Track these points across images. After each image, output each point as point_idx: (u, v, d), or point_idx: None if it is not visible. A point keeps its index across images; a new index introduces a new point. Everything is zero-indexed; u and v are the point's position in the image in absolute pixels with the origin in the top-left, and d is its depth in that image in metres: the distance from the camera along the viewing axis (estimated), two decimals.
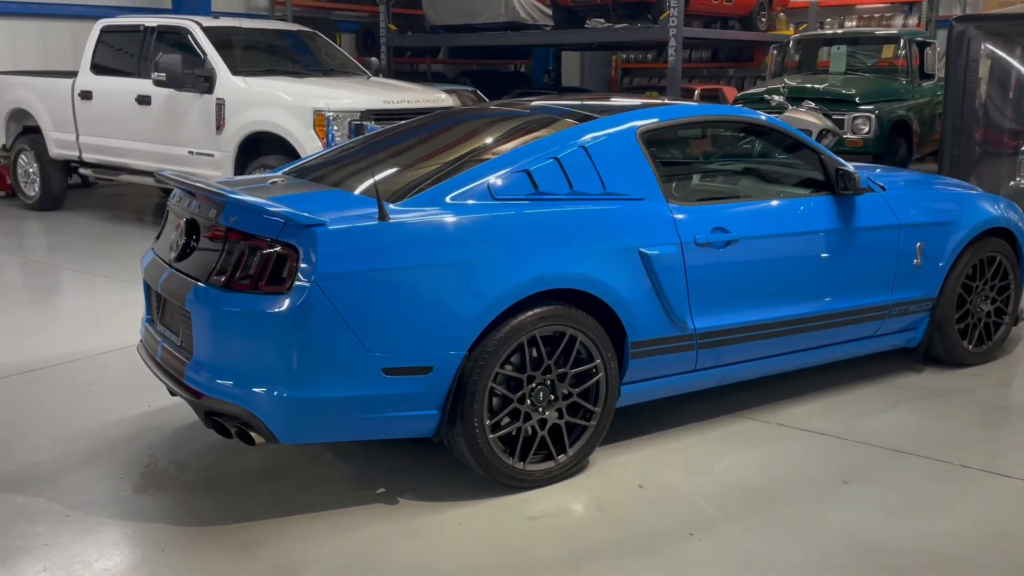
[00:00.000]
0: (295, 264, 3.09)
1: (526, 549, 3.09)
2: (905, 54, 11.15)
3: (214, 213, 3.38)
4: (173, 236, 3.62)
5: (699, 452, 3.83)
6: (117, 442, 3.89)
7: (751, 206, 4.12)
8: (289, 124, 7.57)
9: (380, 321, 3.15)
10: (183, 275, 3.41)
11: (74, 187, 10.58)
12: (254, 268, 3.15)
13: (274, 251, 3.13)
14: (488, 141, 3.92)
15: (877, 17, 16.42)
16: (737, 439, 3.98)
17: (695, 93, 12.77)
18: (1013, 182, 8.00)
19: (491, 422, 3.35)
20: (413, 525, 3.23)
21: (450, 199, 3.40)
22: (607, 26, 12.84)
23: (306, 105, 7.54)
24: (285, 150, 7.55)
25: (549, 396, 3.48)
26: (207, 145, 8.09)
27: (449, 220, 3.32)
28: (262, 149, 7.83)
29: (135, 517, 3.27)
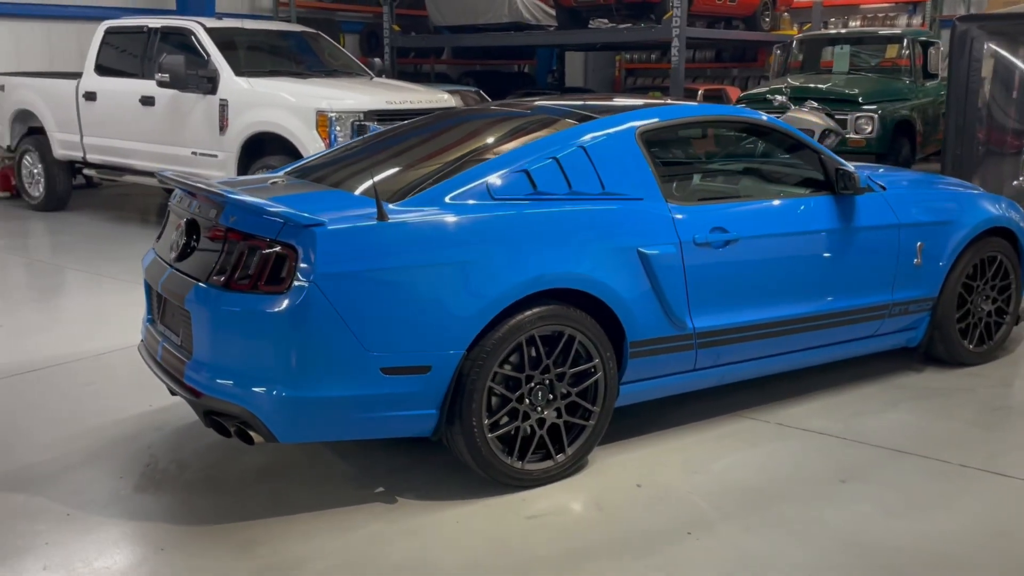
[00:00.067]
0: (294, 264, 3.11)
1: (525, 548, 3.10)
2: (909, 54, 11.12)
3: (214, 213, 3.39)
4: (173, 236, 3.63)
5: (698, 451, 3.84)
6: (118, 441, 3.91)
7: (750, 206, 4.12)
8: (292, 125, 7.59)
9: (379, 321, 3.16)
10: (183, 275, 3.43)
11: (78, 188, 10.62)
12: (253, 268, 3.17)
13: (273, 251, 3.14)
14: (488, 141, 3.93)
15: (881, 17, 16.38)
16: (736, 439, 3.98)
17: (698, 93, 12.75)
18: (1016, 182, 7.99)
19: (490, 421, 3.35)
20: (412, 524, 3.24)
21: (449, 199, 3.41)
22: (610, 26, 12.83)
23: (309, 106, 7.56)
24: (288, 151, 7.57)
25: (548, 395, 3.48)
26: (210, 146, 8.11)
27: (448, 220, 3.33)
28: (265, 150, 7.85)
29: (135, 516, 3.29)
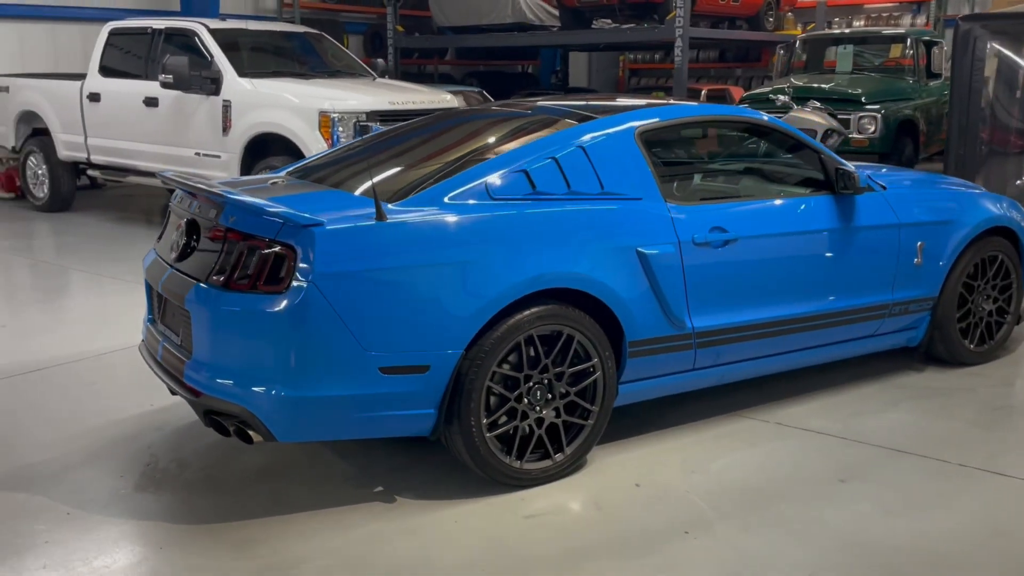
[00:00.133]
0: (293, 264, 3.12)
1: (523, 547, 3.10)
2: (912, 53, 11.10)
3: (214, 213, 3.40)
4: (174, 236, 3.65)
5: (696, 451, 3.84)
6: (118, 441, 3.92)
7: (750, 205, 4.12)
8: (295, 125, 7.61)
9: (377, 320, 3.17)
10: (183, 275, 3.44)
11: (83, 188, 10.66)
12: (253, 268, 3.18)
13: (272, 251, 3.15)
14: (488, 141, 3.93)
15: (885, 16, 16.35)
16: (735, 438, 3.98)
17: (702, 93, 12.74)
18: (1019, 181, 7.97)
19: (488, 421, 3.36)
20: (411, 523, 3.25)
21: (448, 199, 3.41)
22: (614, 27, 12.82)
23: (311, 106, 7.58)
24: (291, 151, 7.59)
25: (546, 395, 3.49)
26: (214, 146, 8.14)
27: (447, 220, 3.34)
28: (269, 150, 7.87)
29: (135, 515, 3.30)
